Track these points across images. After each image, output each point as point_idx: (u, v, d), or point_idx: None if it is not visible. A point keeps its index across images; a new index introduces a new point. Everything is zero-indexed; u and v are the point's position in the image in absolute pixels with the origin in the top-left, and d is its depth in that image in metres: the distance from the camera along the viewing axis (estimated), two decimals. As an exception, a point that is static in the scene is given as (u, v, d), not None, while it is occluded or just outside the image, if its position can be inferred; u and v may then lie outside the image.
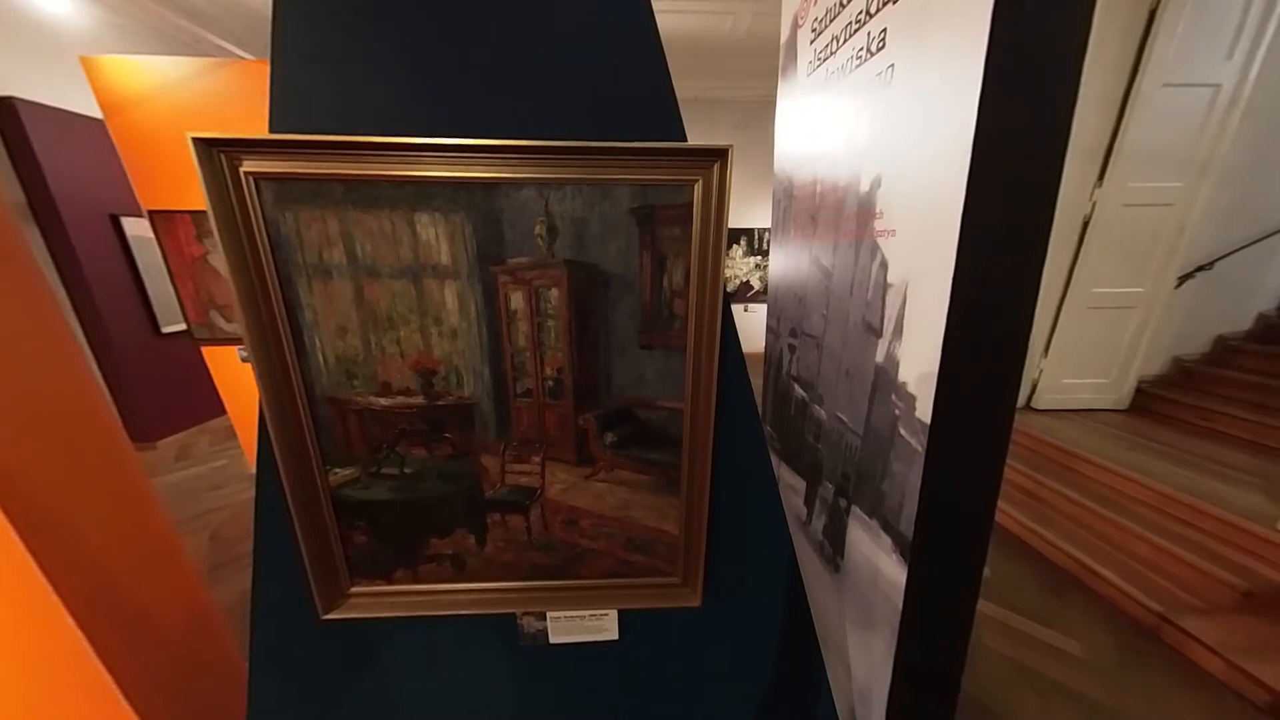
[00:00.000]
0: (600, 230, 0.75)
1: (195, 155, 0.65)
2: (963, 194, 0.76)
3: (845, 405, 1.16)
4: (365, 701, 1.01)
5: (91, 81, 2.21)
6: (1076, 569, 2.02)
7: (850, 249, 1.11)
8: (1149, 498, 2.09)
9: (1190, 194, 2.55)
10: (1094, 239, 2.57)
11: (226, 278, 0.71)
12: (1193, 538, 1.89)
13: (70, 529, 0.79)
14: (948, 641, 1.02)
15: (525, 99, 0.77)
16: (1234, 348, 2.88)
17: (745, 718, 1.07)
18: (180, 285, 2.61)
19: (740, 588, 0.98)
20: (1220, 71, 2.38)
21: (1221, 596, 1.71)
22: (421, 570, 0.93)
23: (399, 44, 0.74)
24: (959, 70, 0.74)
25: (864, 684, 1.12)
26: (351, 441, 0.84)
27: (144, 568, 0.91)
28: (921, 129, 0.86)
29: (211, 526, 2.49)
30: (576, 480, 0.88)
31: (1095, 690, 1.53)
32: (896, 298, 0.93)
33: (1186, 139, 2.47)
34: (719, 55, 3.97)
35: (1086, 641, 1.73)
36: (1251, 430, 2.38)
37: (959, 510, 0.92)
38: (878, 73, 1.00)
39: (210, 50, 3.96)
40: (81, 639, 0.77)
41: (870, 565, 1.06)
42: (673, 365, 0.81)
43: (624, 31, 0.76)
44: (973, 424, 0.87)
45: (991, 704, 1.49)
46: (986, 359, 0.85)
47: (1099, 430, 2.61)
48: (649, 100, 0.77)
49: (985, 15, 0.69)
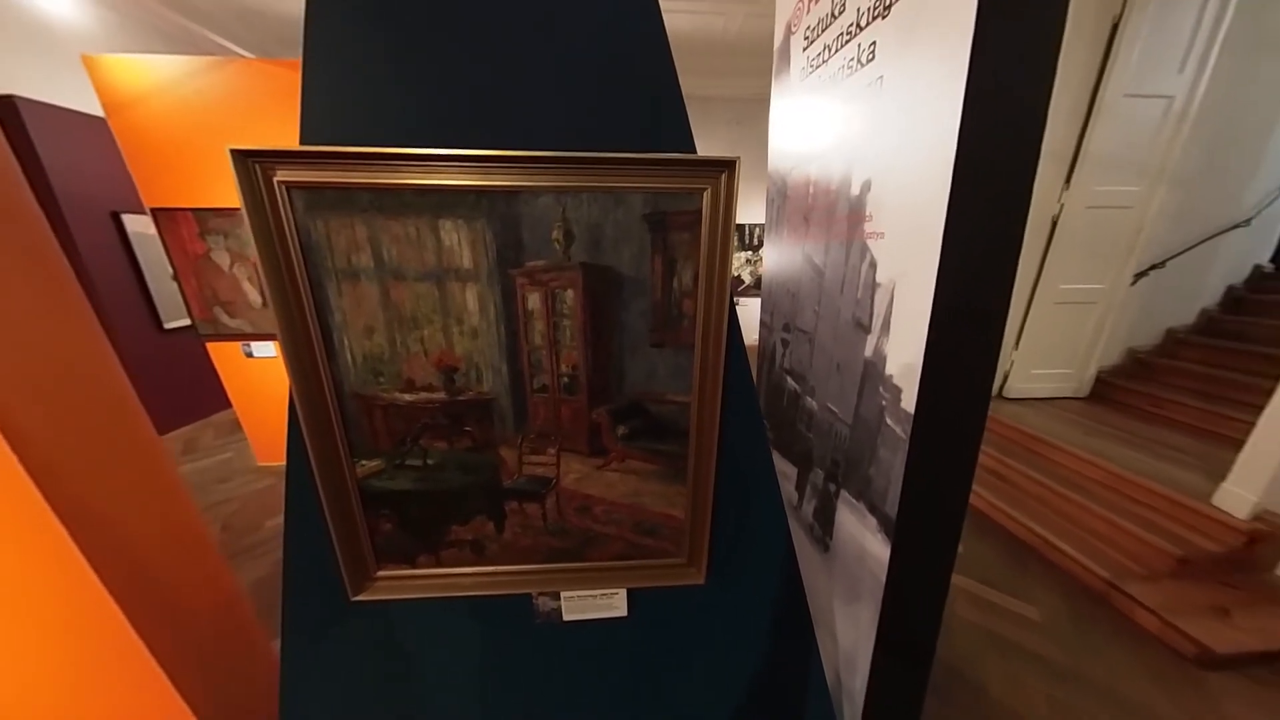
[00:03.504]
0: (614, 235, 0.76)
1: (233, 165, 0.64)
2: (946, 200, 0.79)
3: (835, 397, 1.20)
4: (391, 675, 1.03)
5: (93, 80, 2.13)
6: (1039, 543, 2.12)
7: (841, 249, 1.13)
8: (1104, 478, 2.19)
9: (1147, 197, 2.63)
10: (1061, 238, 2.64)
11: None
12: (1139, 513, 1.99)
13: (108, 518, 0.79)
14: (924, 612, 1.07)
15: (545, 112, 0.77)
16: (1181, 340, 3.00)
17: (743, 686, 1.12)
18: (184, 282, 2.53)
19: (740, 567, 1.01)
20: (1173, 84, 2.45)
21: (1161, 564, 1.82)
22: (443, 555, 0.94)
23: (424, 61, 0.74)
24: (943, 85, 0.77)
25: (849, 652, 1.18)
26: (377, 435, 0.85)
27: (175, 553, 0.92)
28: (909, 138, 0.88)
29: (222, 518, 2.45)
30: (590, 470, 0.90)
31: (1052, 651, 1.62)
32: (884, 296, 0.96)
33: (1144, 146, 2.54)
34: (713, 54, 3.95)
35: (1046, 608, 1.82)
36: (1195, 416, 2.50)
37: (938, 492, 0.96)
38: (868, 83, 1.02)
39: (210, 48, 3.83)
40: (124, 621, 0.78)
41: (857, 544, 1.11)
42: (681, 362, 0.83)
43: (638, 50, 0.77)
44: (952, 413, 0.91)
45: (962, 667, 1.56)
46: (966, 354, 0.88)
47: (1062, 417, 2.71)
48: (662, 114, 0.78)
49: (967, 35, 0.72)
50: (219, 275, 2.49)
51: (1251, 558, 1.77)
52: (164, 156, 2.30)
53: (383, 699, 1.04)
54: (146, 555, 0.84)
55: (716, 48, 3.82)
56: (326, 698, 1.01)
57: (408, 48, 0.74)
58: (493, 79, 0.76)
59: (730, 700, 1.12)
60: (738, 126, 4.90)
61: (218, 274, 2.49)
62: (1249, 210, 2.90)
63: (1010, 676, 1.52)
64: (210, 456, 3.17)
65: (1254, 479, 1.76)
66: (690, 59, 3.95)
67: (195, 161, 2.28)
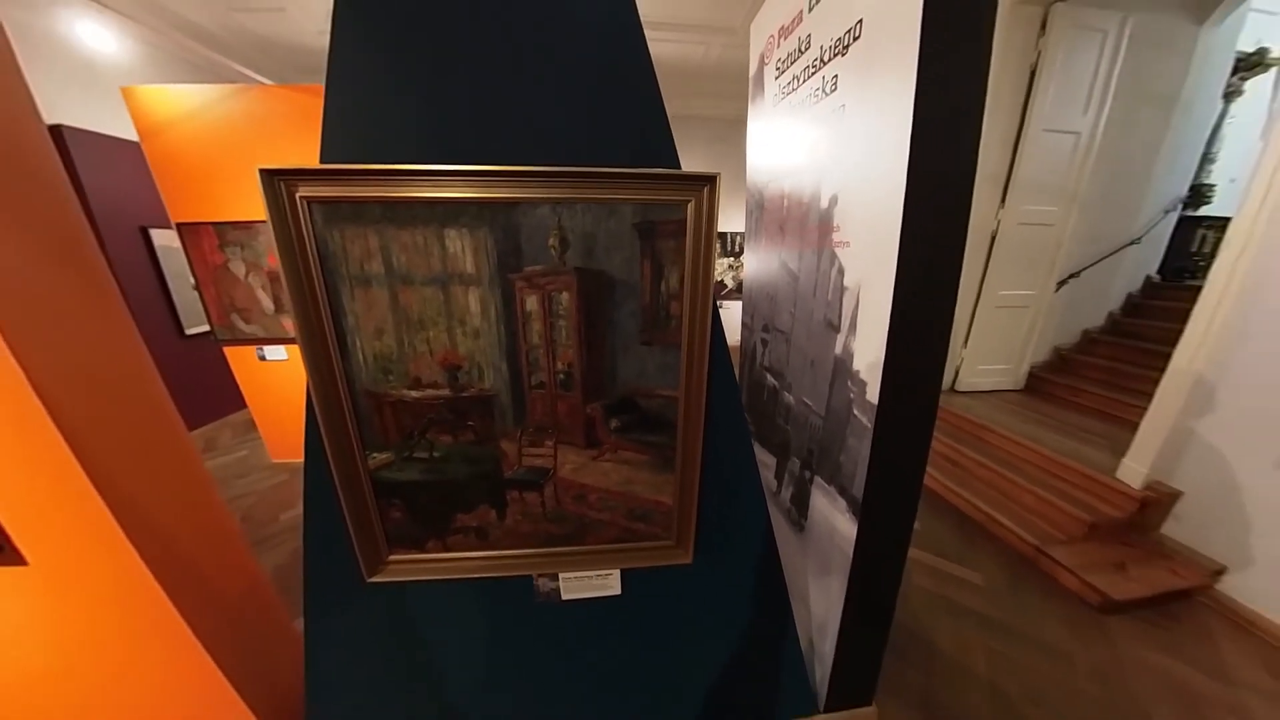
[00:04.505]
0: (606, 242, 0.74)
1: (261, 183, 0.63)
2: (900, 214, 0.79)
3: (810, 391, 1.19)
4: (404, 649, 1.00)
5: (130, 108, 2.12)
6: (982, 518, 2.16)
7: (814, 256, 1.13)
8: (1034, 458, 2.25)
9: (1064, 217, 2.72)
10: (999, 251, 2.71)
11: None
12: (1061, 487, 2.05)
13: (149, 508, 0.77)
14: (885, 581, 1.06)
15: (543, 131, 0.75)
16: (1094, 339, 3.11)
17: (726, 654, 1.10)
18: (204, 290, 2.43)
19: (724, 547, 0.99)
20: (1080, 122, 2.56)
21: (1076, 529, 1.89)
22: (450, 540, 0.91)
23: (433, 86, 0.72)
24: (895, 116, 0.78)
25: (821, 619, 1.17)
26: (387, 429, 0.81)
27: (206, 541, 0.90)
28: (869, 159, 0.88)
29: (241, 510, 2.35)
30: (585, 461, 0.87)
31: (991, 609, 1.67)
32: (851, 299, 0.95)
33: (1060, 173, 2.63)
34: (693, 79, 3.96)
35: (987, 573, 1.85)
36: (1103, 403, 2.59)
37: (899, 474, 0.96)
38: (833, 110, 1.01)
39: (232, 76, 3.72)
40: (167, 601, 0.77)
41: (828, 524, 1.10)
42: (669, 359, 0.81)
43: (627, 75, 0.75)
44: (910, 403, 0.91)
45: (916, 627, 1.58)
46: (921, 350, 0.88)
47: (1003, 407, 2.77)
48: (649, 132, 0.77)
49: (912, 75, 0.73)
50: (235, 284, 2.40)
51: (1143, 520, 1.87)
52: (189, 175, 2.25)
53: (397, 671, 1.01)
54: (182, 542, 0.82)
55: (697, 73, 3.83)
56: (346, 669, 0.98)
57: (418, 75, 0.72)
58: (495, 102, 0.74)
59: (715, 667, 1.10)
60: (718, 144, 4.89)
61: (234, 283, 2.39)
62: (1140, 230, 3.07)
63: (956, 634, 1.55)
64: (229, 454, 3.03)
65: (1145, 455, 1.86)
66: (673, 83, 3.95)
67: (217, 179, 2.25)
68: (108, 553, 0.72)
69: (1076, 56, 2.40)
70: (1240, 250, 1.56)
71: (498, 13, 0.71)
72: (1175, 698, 1.30)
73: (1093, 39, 2.40)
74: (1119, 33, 2.40)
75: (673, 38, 3.15)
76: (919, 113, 0.73)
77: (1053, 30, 2.33)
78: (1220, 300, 1.62)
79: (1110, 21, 2.38)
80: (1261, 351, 1.56)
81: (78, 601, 0.76)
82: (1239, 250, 1.56)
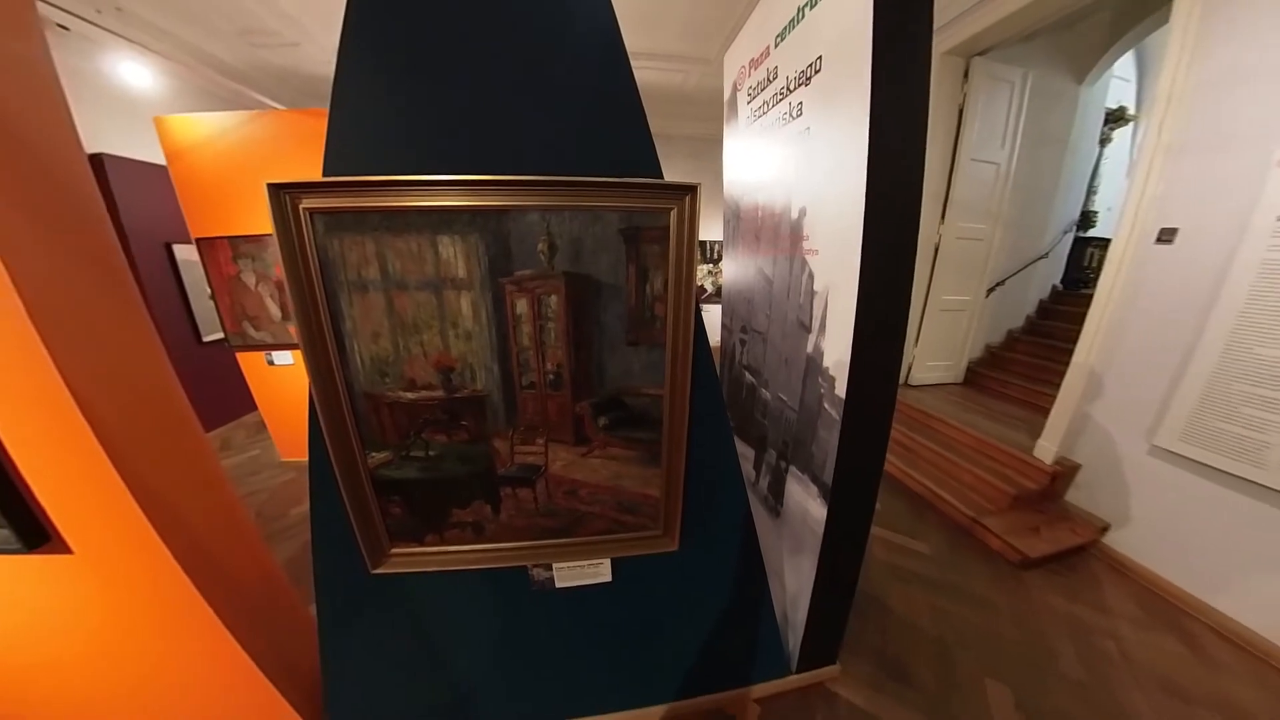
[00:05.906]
0: (593, 247, 0.68)
1: (268, 196, 0.58)
2: (861, 225, 0.76)
3: (785, 387, 1.14)
4: (409, 635, 0.93)
5: (160, 135, 2.08)
6: (930, 495, 2.17)
7: (786, 262, 1.08)
8: (971, 441, 2.28)
9: (991, 234, 2.79)
10: (942, 261, 2.77)
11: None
12: (992, 465, 2.09)
13: (174, 503, 0.73)
14: (850, 556, 1.03)
15: (533, 142, 0.69)
16: (1016, 338, 3.20)
17: (710, 631, 1.04)
18: (219, 300, 2.28)
19: (707, 534, 0.94)
20: (999, 154, 2.67)
21: (1003, 501, 1.95)
22: (448, 534, 0.83)
23: (429, 105, 0.67)
24: (853, 141, 0.76)
25: (794, 594, 1.12)
26: (385, 429, 0.74)
27: (225, 534, 0.85)
28: (832, 177, 0.85)
29: (255, 506, 2.20)
30: (575, 458, 0.81)
31: (934, 573, 1.71)
32: (821, 302, 0.91)
33: (986, 197, 2.70)
34: (674, 102, 3.96)
35: (932, 543, 1.87)
36: (1024, 393, 2.67)
37: (862, 461, 0.92)
38: (799, 132, 0.97)
39: (250, 104, 3.59)
40: (194, 589, 0.73)
41: (801, 509, 1.05)
42: (654, 359, 0.75)
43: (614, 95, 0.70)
44: (872, 396, 0.87)
45: (875, 592, 1.59)
46: (881, 347, 0.85)
47: (947, 398, 2.82)
48: (633, 146, 0.71)
49: (865, 105, 0.72)
50: (247, 293, 2.25)
51: (1054, 490, 1.96)
52: (208, 194, 2.17)
53: (405, 654, 0.94)
54: (205, 536, 0.79)
55: (678, 97, 3.83)
56: (358, 654, 0.93)
57: (416, 95, 0.66)
58: (487, 117, 0.68)
59: (699, 641, 1.05)
60: (696, 160, 4.83)
61: (246, 292, 2.25)
62: (1046, 247, 3.25)
63: (907, 596, 1.57)
64: (242, 454, 2.85)
65: (1055, 435, 1.95)
66: (656, 105, 3.94)
67: (232, 196, 2.17)
68: (140, 545, 0.69)
69: (993, 100, 2.54)
70: (1118, 265, 1.67)
71: (490, 38, 0.66)
72: (1072, 631, 1.40)
73: (1004, 88, 2.54)
74: (1023, 85, 2.56)
75: (655, 65, 3.14)
76: (873, 139, 0.73)
77: (973, 78, 2.46)
78: (1105, 305, 1.72)
79: (1015, 75, 2.53)
80: (1135, 346, 1.67)
81: (118, 590, 0.72)
82: (1117, 265, 1.67)
